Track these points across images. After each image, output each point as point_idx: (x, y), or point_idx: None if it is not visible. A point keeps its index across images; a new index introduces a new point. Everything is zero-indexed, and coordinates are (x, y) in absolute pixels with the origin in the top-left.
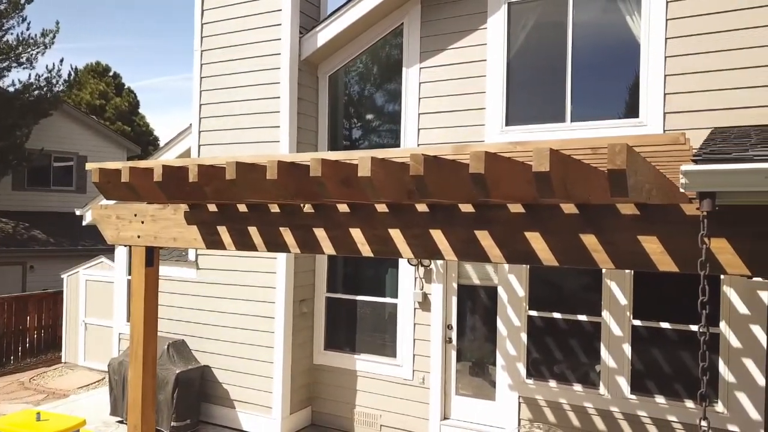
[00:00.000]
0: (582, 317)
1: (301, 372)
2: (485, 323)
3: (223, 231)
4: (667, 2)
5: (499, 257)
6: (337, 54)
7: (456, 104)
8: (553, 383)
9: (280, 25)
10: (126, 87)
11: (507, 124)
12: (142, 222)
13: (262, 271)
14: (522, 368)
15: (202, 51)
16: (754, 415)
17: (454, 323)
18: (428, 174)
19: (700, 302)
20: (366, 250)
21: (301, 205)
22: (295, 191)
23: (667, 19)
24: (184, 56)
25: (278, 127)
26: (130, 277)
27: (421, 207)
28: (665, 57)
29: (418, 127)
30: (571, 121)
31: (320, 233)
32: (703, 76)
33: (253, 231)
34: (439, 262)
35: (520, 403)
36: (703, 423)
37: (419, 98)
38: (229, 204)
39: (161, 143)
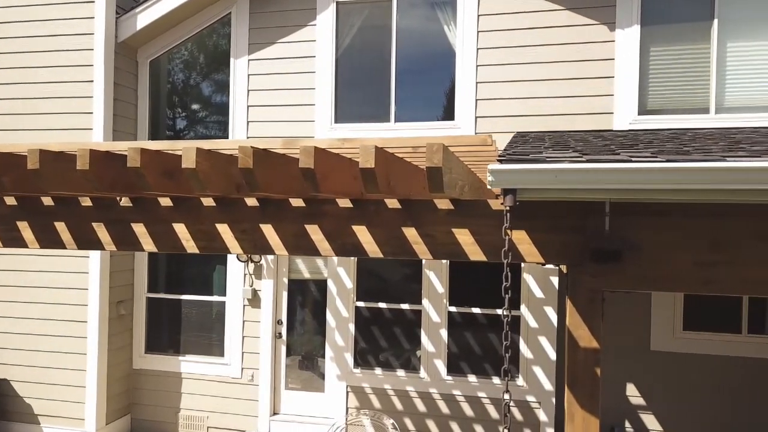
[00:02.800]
0: (405, 306)
1: (119, 378)
2: (315, 316)
3: (24, 227)
4: (479, 15)
5: (328, 250)
6: (159, 39)
7: (286, 99)
8: (378, 371)
9: (93, 2)
10: None
11: (336, 122)
12: None
13: (72, 272)
14: (350, 358)
15: None
16: (548, 386)
17: (284, 318)
18: (258, 167)
19: (504, 287)
20: (191, 247)
21: (118, 198)
22: (110, 183)
23: (478, 31)
24: None
25: (91, 113)
26: None
27: (251, 201)
28: (477, 66)
29: (247, 119)
30: (395, 121)
31: (139, 229)
32: (508, 85)
33: (61, 227)
34: (270, 257)
35: (348, 392)
36: (506, 395)
37: (248, 90)
38: (33, 197)
39: None
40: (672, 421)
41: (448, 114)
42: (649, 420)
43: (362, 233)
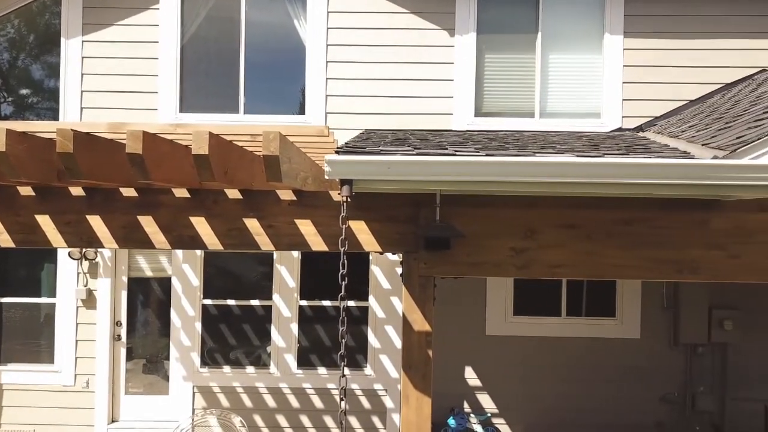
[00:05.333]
0: (255, 302)
1: None
2: (159, 316)
3: None
4: (329, 12)
5: (164, 243)
6: None
7: (126, 85)
8: (227, 369)
9: None
10: None
11: (181, 111)
12: None
13: None
14: (197, 358)
15: None
16: (394, 373)
17: (124, 319)
18: (80, 152)
19: (341, 275)
20: (5, 240)
21: None
22: None
23: (328, 28)
24: None
25: None
26: None
27: (77, 191)
28: (327, 62)
29: (81, 106)
30: (245, 113)
31: None
32: (358, 83)
33: None
34: (107, 254)
35: (194, 393)
36: (342, 380)
37: (82, 74)
38: None
39: None
40: (504, 399)
41: (300, 109)
42: (485, 399)
43: (201, 224)
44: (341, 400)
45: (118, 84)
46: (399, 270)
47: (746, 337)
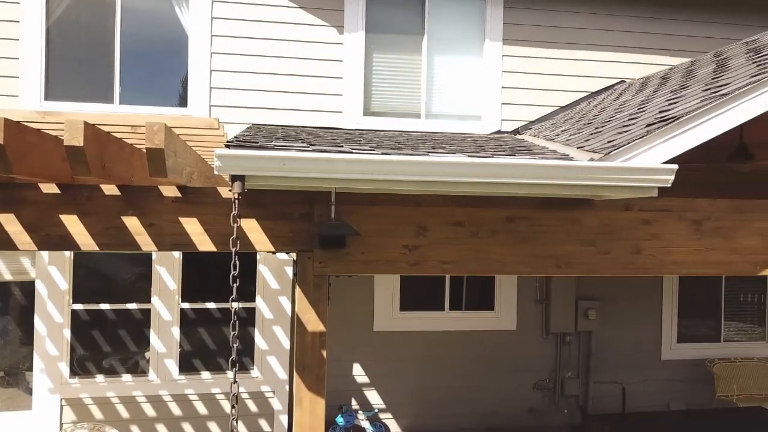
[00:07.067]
0: (132, 305)
1: None
2: (21, 324)
3: None
4: (213, 1)
5: (29, 244)
6: None
7: None
8: (100, 378)
9: None
10: None
11: (47, 99)
12: None
13: None
14: (65, 368)
15: None
16: (282, 375)
17: None
18: None
19: (232, 276)
20: None
21: None
22: None
23: (212, 17)
24: None
25: None
26: None
27: None
28: (211, 53)
29: None
30: (120, 103)
31: None
32: (245, 76)
33: None
34: None
35: (62, 406)
36: (234, 387)
37: None
38: None
39: None
40: (391, 394)
41: (182, 101)
42: (372, 395)
43: (73, 223)
44: (232, 407)
45: None
46: (289, 270)
47: (606, 325)
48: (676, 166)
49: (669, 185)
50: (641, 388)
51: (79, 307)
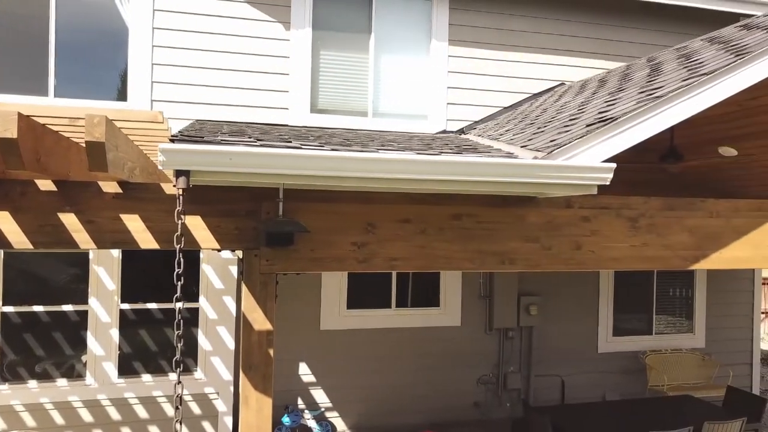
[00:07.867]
0: (68, 307)
1: None
2: None
3: None
4: None
5: None
6: None
7: None
8: (33, 384)
9: None
10: None
11: None
12: None
13: None
14: None
15: None
16: (227, 375)
17: None
18: None
19: (176, 274)
20: None
21: None
22: None
23: (154, 9)
24: None
25: None
26: None
27: None
28: (153, 46)
29: None
30: (56, 96)
31: None
32: (188, 71)
33: None
34: None
35: None
36: (179, 388)
37: None
38: None
39: None
40: (338, 392)
41: (122, 95)
42: (319, 395)
43: (5, 220)
44: (177, 408)
45: None
46: (233, 269)
47: (546, 320)
48: (614, 165)
49: (608, 183)
50: (579, 380)
51: (9, 309)
